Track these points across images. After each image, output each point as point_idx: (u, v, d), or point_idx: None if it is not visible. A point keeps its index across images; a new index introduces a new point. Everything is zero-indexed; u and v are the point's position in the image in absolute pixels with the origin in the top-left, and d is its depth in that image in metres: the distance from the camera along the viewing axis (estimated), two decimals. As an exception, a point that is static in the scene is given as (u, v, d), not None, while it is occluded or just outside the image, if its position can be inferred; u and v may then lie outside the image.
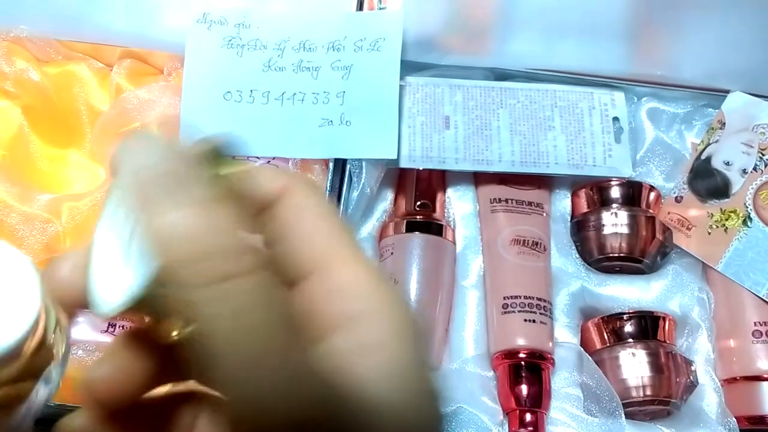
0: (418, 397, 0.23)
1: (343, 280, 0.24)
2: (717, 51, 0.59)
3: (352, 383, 0.21)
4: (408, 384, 0.23)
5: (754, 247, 0.55)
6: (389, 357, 0.23)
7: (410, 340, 0.23)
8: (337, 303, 0.24)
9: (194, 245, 0.19)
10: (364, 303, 0.24)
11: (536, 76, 0.61)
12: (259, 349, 0.19)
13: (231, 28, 0.58)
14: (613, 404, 0.51)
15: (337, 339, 0.23)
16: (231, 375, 0.19)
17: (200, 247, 0.19)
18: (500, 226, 0.56)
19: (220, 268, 0.19)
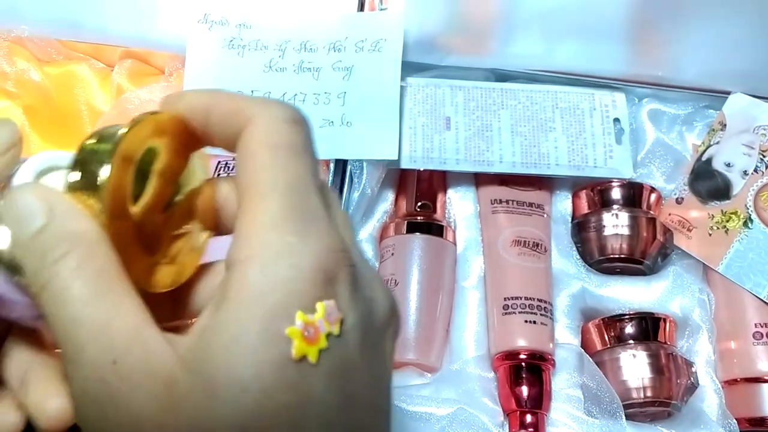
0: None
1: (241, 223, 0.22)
2: (718, 52, 0.59)
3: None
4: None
5: (754, 249, 0.55)
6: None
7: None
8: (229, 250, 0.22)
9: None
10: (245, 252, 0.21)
11: (537, 77, 0.61)
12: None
13: (232, 29, 0.58)
14: (613, 405, 0.51)
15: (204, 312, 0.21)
16: None
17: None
18: (501, 227, 0.56)
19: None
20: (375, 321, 0.23)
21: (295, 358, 0.20)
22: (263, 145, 0.22)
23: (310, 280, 0.20)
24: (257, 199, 0.21)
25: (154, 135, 0.24)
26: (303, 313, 0.20)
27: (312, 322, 0.20)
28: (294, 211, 0.21)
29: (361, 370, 0.21)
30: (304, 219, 0.21)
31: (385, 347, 0.23)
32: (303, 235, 0.21)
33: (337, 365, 0.20)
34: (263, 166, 0.22)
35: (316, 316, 0.20)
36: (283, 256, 0.20)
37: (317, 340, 0.20)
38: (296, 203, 0.21)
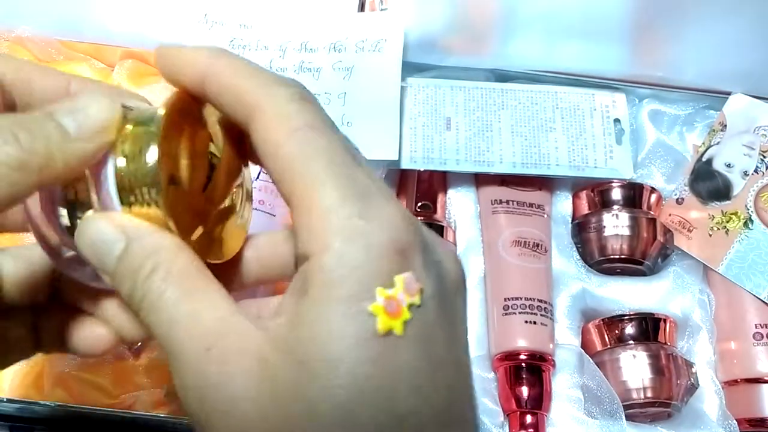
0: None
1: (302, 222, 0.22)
2: (718, 53, 0.59)
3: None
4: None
5: (755, 249, 0.55)
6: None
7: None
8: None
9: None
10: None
11: (537, 77, 0.61)
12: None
13: (232, 29, 0.58)
14: (613, 406, 0.51)
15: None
16: None
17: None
18: (501, 228, 0.56)
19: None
20: (448, 284, 0.23)
21: (380, 333, 0.20)
22: (283, 134, 0.22)
23: (384, 256, 0.21)
24: (306, 190, 0.21)
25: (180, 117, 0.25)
26: (383, 289, 0.21)
27: (393, 296, 0.21)
28: (347, 191, 0.21)
29: (442, 333, 0.22)
30: (360, 195, 0.21)
31: (458, 307, 0.23)
32: (366, 214, 0.21)
33: (421, 333, 0.21)
34: (293, 155, 0.22)
35: (395, 290, 0.21)
36: (353, 240, 0.21)
37: (400, 312, 0.21)
38: (345, 181, 0.21)
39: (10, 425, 0.50)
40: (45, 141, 0.22)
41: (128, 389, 0.50)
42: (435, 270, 0.22)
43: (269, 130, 0.22)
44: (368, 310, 0.20)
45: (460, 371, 0.23)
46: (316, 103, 0.23)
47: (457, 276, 0.24)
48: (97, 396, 0.49)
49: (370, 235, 0.21)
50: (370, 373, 0.20)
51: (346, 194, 0.21)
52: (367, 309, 0.20)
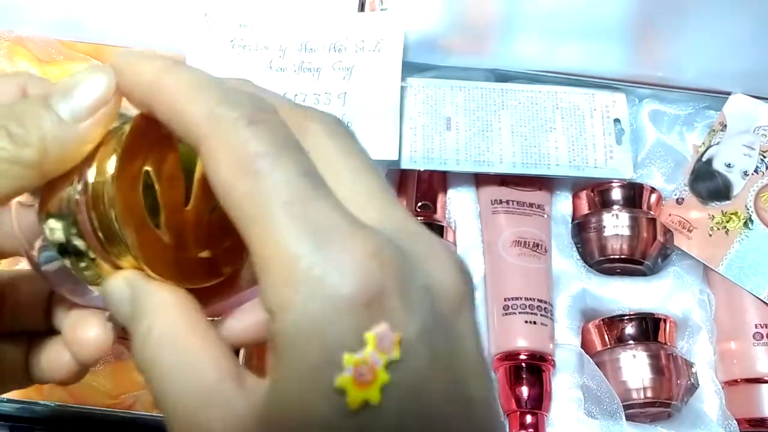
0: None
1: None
2: (718, 53, 0.59)
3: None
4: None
5: (755, 250, 0.55)
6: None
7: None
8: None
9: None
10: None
11: (537, 77, 0.61)
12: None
13: (232, 29, 0.58)
14: (613, 406, 0.51)
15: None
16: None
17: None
18: (501, 228, 0.56)
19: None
20: (443, 307, 0.20)
21: (353, 410, 0.18)
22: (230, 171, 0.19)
23: (350, 311, 0.18)
24: (259, 238, 0.19)
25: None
26: (350, 355, 0.18)
27: (363, 360, 0.18)
28: (305, 234, 0.18)
29: (436, 375, 0.19)
30: (320, 237, 0.18)
31: (461, 328, 0.20)
32: (326, 260, 0.18)
33: (407, 391, 0.18)
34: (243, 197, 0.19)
35: (366, 352, 0.18)
36: (313, 297, 0.18)
37: (375, 378, 0.18)
38: (301, 223, 0.19)
39: (10, 425, 0.50)
40: (38, 131, 0.21)
41: (128, 389, 0.50)
42: (423, 298, 0.19)
43: (217, 165, 0.20)
44: (336, 385, 0.18)
45: (469, 412, 0.19)
46: (271, 120, 0.20)
47: (455, 290, 0.20)
48: (97, 396, 0.49)
49: (332, 289, 0.18)
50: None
51: (304, 240, 0.18)
52: (334, 384, 0.18)
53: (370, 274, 0.18)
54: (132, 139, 0.22)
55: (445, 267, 0.20)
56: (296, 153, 0.20)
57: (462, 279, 0.20)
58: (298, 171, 0.19)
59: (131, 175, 0.22)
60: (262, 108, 0.20)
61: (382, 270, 0.18)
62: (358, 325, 0.18)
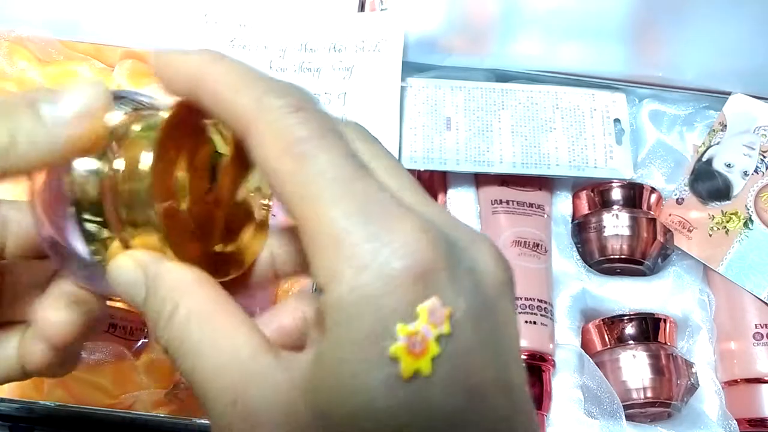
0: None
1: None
2: (718, 53, 0.59)
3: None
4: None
5: (755, 250, 0.55)
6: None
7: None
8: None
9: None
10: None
11: (537, 77, 0.61)
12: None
13: (232, 29, 0.58)
14: (613, 406, 0.51)
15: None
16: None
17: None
18: (501, 228, 0.56)
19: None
20: (487, 290, 0.20)
21: (406, 378, 0.18)
22: (280, 153, 0.20)
23: (402, 284, 0.18)
24: (310, 215, 0.20)
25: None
26: (404, 325, 0.18)
27: (416, 331, 0.18)
28: (354, 211, 0.19)
29: (482, 357, 0.19)
30: (370, 214, 0.19)
31: (502, 314, 0.21)
32: (376, 235, 0.19)
33: (456, 365, 0.19)
34: (293, 177, 0.20)
35: (418, 323, 0.18)
36: (366, 270, 0.18)
37: (426, 349, 0.18)
38: (351, 200, 0.19)
39: (10, 425, 0.50)
40: (12, 126, 0.22)
41: (128, 389, 0.50)
42: (468, 279, 0.20)
43: (265, 149, 0.20)
44: (389, 354, 0.18)
45: (510, 395, 0.20)
46: (314, 109, 0.21)
47: (497, 275, 0.21)
48: (97, 396, 0.49)
49: (384, 262, 0.19)
50: (401, 421, 0.18)
51: (353, 216, 0.19)
52: (388, 352, 0.18)
53: (421, 250, 0.19)
54: (170, 125, 0.23)
55: (487, 254, 0.21)
56: (339, 138, 0.21)
57: (503, 266, 0.21)
58: (342, 153, 0.20)
59: (168, 158, 0.23)
60: (306, 98, 0.21)
61: (432, 247, 0.19)
62: (411, 297, 0.18)
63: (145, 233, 0.23)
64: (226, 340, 0.21)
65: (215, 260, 0.24)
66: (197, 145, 0.25)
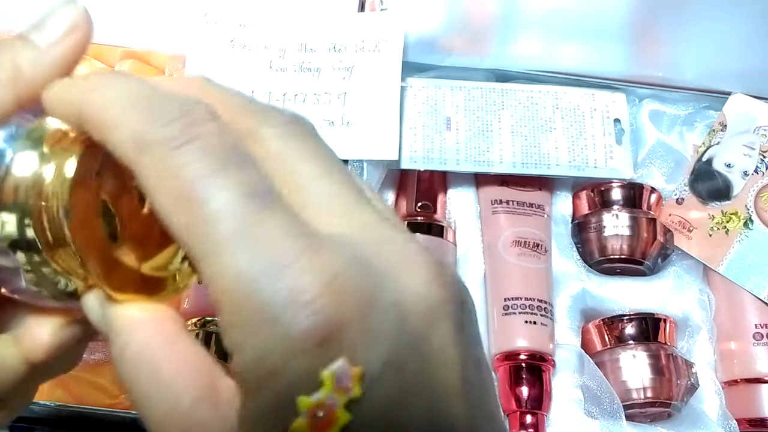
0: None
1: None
2: (718, 53, 0.59)
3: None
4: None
5: (755, 250, 0.55)
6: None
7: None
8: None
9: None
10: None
11: (537, 77, 0.61)
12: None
13: (232, 29, 0.58)
14: (613, 406, 0.51)
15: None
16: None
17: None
18: (501, 228, 0.56)
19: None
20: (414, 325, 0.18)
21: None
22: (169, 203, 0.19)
23: (303, 351, 0.17)
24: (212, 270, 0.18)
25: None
26: (305, 398, 0.17)
27: (320, 402, 0.16)
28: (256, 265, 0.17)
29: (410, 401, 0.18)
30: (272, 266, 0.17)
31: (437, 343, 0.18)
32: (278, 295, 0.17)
33: (375, 425, 0.17)
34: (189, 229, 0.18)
35: (322, 393, 0.16)
36: (268, 336, 0.17)
37: (333, 420, 0.17)
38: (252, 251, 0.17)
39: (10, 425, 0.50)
40: (12, 56, 0.22)
41: (128, 389, 0.50)
42: (389, 319, 0.18)
43: (153, 198, 0.19)
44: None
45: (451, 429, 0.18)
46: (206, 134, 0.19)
47: (429, 301, 0.18)
48: (97, 396, 0.49)
49: (286, 327, 0.17)
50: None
51: (252, 273, 0.17)
52: (290, 429, 0.17)
53: (324, 309, 0.17)
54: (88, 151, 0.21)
55: (417, 275, 0.18)
56: (238, 170, 0.18)
57: (438, 286, 0.19)
58: (242, 193, 0.18)
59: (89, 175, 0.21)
60: (196, 120, 0.18)
61: (339, 301, 0.17)
62: (313, 364, 0.17)
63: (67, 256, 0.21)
64: (170, 386, 0.19)
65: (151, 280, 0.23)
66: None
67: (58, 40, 0.23)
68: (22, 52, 0.23)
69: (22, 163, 0.21)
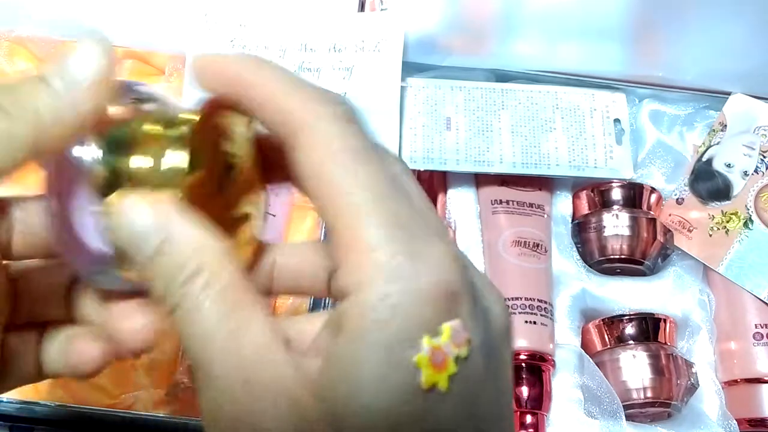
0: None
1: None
2: (718, 53, 0.59)
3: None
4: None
5: (755, 250, 0.55)
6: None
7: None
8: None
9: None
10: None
11: (537, 77, 0.61)
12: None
13: (232, 29, 0.58)
14: (613, 406, 0.51)
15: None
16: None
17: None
18: (501, 228, 0.56)
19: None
20: (495, 333, 0.21)
21: (424, 388, 0.19)
22: (326, 159, 0.20)
23: (431, 301, 0.19)
24: (349, 223, 0.20)
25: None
26: (430, 338, 0.19)
27: (439, 346, 0.19)
28: (392, 227, 0.20)
29: (487, 387, 0.20)
30: (407, 232, 0.20)
31: (505, 358, 0.22)
32: (413, 253, 0.19)
33: (466, 388, 0.19)
34: (336, 184, 0.20)
35: (442, 339, 0.19)
36: (399, 281, 0.19)
37: (446, 365, 0.19)
38: (390, 216, 0.20)
39: (10, 425, 0.50)
40: (33, 104, 0.21)
41: (128, 389, 0.50)
42: (483, 318, 0.21)
43: (311, 152, 0.21)
44: (413, 361, 0.18)
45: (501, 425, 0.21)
46: (362, 123, 0.22)
47: (504, 324, 0.22)
48: (97, 396, 0.49)
49: (417, 277, 0.19)
50: (409, 430, 0.19)
51: (391, 231, 0.19)
52: (411, 359, 0.18)
53: (453, 273, 0.20)
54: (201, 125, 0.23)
55: (497, 300, 0.22)
56: (382, 152, 0.22)
57: (508, 315, 0.22)
58: (386, 170, 0.21)
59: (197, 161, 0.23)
60: (355, 111, 0.22)
61: (461, 275, 0.20)
62: (438, 314, 0.19)
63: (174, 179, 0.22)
64: (246, 321, 0.20)
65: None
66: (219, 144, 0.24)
67: (81, 86, 0.22)
68: (43, 98, 0.21)
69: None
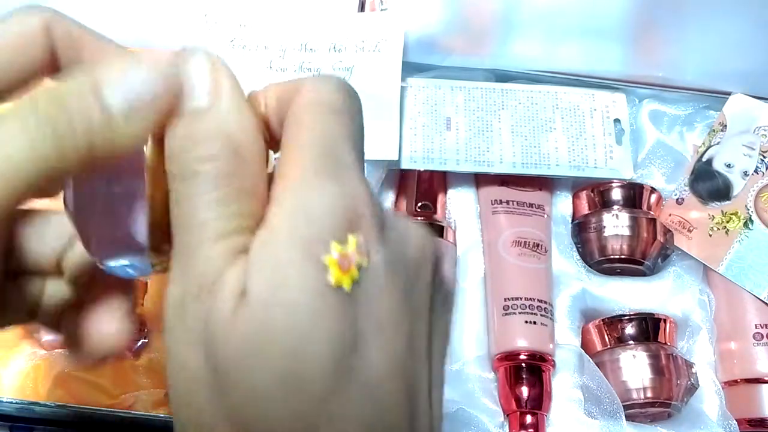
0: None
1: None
2: (718, 53, 0.59)
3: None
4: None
5: (755, 250, 0.55)
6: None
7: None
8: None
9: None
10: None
11: (537, 77, 0.61)
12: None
13: (232, 29, 0.58)
14: (613, 406, 0.51)
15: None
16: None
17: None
18: (501, 228, 0.56)
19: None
20: (407, 257, 0.23)
21: (333, 285, 0.20)
22: (305, 106, 0.23)
23: (342, 215, 0.21)
24: (296, 150, 0.22)
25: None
26: (338, 243, 0.21)
27: (345, 252, 0.21)
28: (329, 160, 0.21)
29: (393, 300, 0.22)
30: (338, 167, 0.22)
31: (423, 277, 0.23)
32: (336, 179, 0.21)
33: (368, 295, 0.21)
34: (302, 123, 0.22)
35: (348, 247, 0.21)
36: (319, 195, 0.21)
37: (349, 270, 0.21)
38: (331, 154, 0.22)
39: (10, 425, 0.50)
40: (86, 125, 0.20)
41: (128, 389, 0.50)
42: (392, 241, 0.22)
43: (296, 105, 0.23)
44: (323, 260, 0.20)
45: (411, 343, 0.22)
46: (352, 96, 0.24)
47: (419, 250, 0.23)
48: (97, 396, 0.49)
49: (334, 195, 0.21)
50: (323, 325, 0.20)
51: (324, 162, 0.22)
52: (321, 258, 0.20)
53: (366, 201, 0.21)
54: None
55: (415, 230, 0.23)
56: (354, 122, 0.24)
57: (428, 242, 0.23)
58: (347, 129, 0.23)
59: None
60: (350, 87, 0.24)
61: (373, 205, 0.22)
62: (348, 225, 0.21)
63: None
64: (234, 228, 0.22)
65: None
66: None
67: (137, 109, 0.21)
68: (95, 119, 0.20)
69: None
